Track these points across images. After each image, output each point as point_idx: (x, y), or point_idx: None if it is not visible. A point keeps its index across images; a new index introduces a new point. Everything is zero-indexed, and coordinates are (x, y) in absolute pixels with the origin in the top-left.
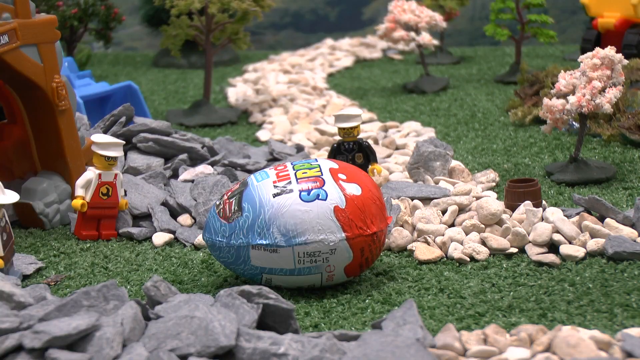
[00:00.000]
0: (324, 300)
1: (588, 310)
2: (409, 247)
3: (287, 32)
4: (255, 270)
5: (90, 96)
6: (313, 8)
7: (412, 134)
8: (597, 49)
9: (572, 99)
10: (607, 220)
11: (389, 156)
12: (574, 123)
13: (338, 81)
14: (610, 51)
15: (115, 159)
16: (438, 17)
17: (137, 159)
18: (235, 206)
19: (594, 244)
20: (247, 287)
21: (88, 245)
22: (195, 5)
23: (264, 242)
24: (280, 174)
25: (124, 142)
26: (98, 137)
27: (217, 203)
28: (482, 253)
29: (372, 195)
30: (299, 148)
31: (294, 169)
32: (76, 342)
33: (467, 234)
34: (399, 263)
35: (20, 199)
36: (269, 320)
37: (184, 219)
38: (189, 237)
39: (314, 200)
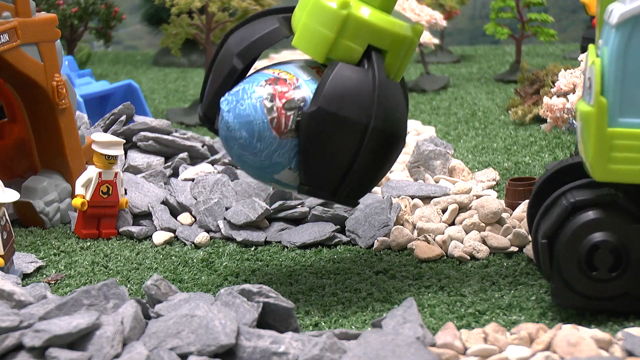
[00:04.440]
0: (324, 299)
1: None
2: (409, 245)
3: None
4: (270, 179)
5: (91, 95)
6: None
7: (413, 132)
8: None
9: (572, 97)
10: None
11: None
12: (574, 122)
13: None
14: None
15: (115, 157)
16: (438, 16)
17: (137, 158)
18: (293, 125)
19: None
20: (247, 286)
21: (88, 244)
22: (195, 3)
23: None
24: None
25: (124, 140)
26: (98, 136)
27: (269, 106)
28: (483, 252)
29: None
30: None
31: None
32: (76, 340)
33: (467, 232)
34: (399, 261)
35: (20, 198)
36: (269, 319)
37: (184, 217)
38: (189, 236)
39: None
